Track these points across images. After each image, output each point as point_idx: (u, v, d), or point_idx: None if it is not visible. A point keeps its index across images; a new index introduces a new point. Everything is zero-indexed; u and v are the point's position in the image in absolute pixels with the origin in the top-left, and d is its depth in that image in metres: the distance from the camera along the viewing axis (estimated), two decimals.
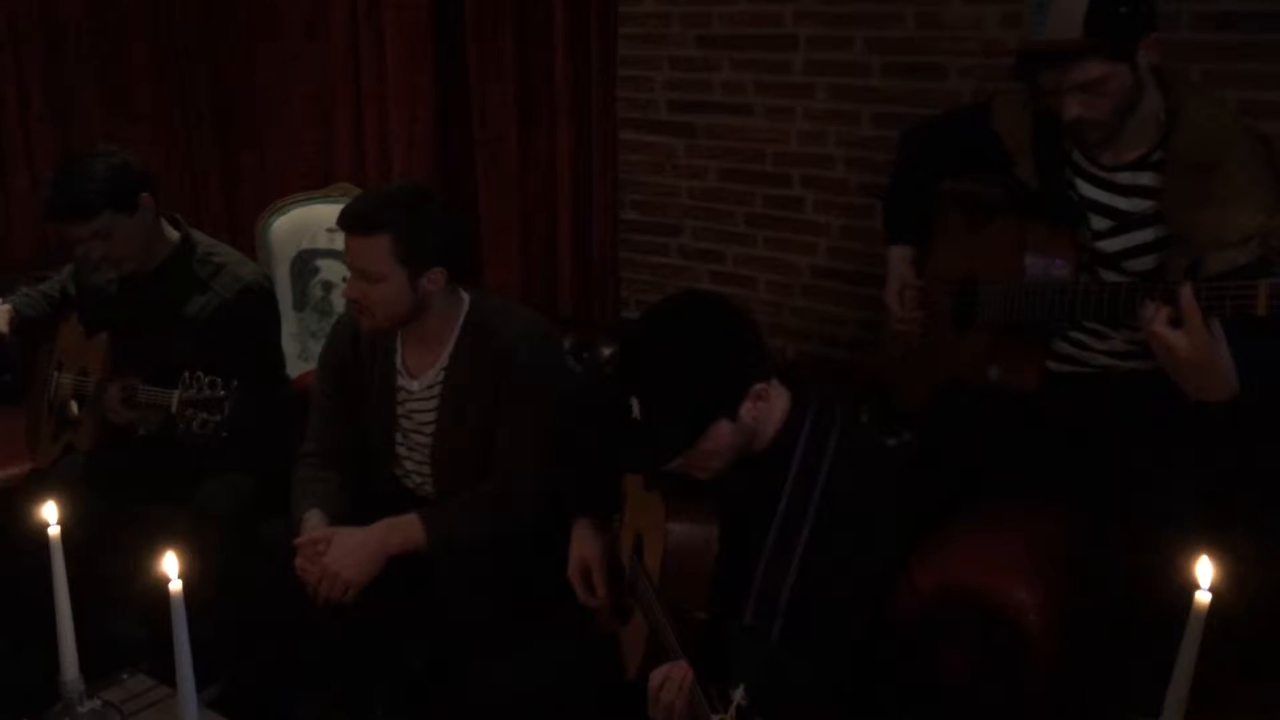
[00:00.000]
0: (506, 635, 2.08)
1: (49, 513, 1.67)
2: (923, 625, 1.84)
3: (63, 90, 3.77)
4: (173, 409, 2.27)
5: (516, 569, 2.20)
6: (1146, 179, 1.91)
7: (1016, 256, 1.95)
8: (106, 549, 2.49)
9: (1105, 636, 1.86)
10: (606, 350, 2.79)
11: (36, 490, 2.45)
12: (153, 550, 1.51)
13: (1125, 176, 1.93)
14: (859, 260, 2.72)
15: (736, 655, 1.59)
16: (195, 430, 2.24)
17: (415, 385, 2.32)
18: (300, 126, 3.75)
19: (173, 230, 2.63)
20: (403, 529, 2.19)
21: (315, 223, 3.45)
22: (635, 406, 1.65)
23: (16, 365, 2.99)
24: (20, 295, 2.85)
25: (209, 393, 2.22)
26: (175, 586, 1.43)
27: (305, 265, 3.50)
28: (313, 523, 2.23)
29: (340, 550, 2.14)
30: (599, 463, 2.04)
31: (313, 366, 2.74)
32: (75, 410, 2.68)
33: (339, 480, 2.36)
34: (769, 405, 1.71)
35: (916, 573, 1.85)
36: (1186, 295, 1.62)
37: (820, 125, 2.73)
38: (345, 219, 2.16)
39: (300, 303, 3.50)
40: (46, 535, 1.66)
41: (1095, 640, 1.85)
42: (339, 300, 3.37)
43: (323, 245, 3.46)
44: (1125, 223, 1.93)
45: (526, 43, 3.13)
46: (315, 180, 3.66)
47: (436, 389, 2.30)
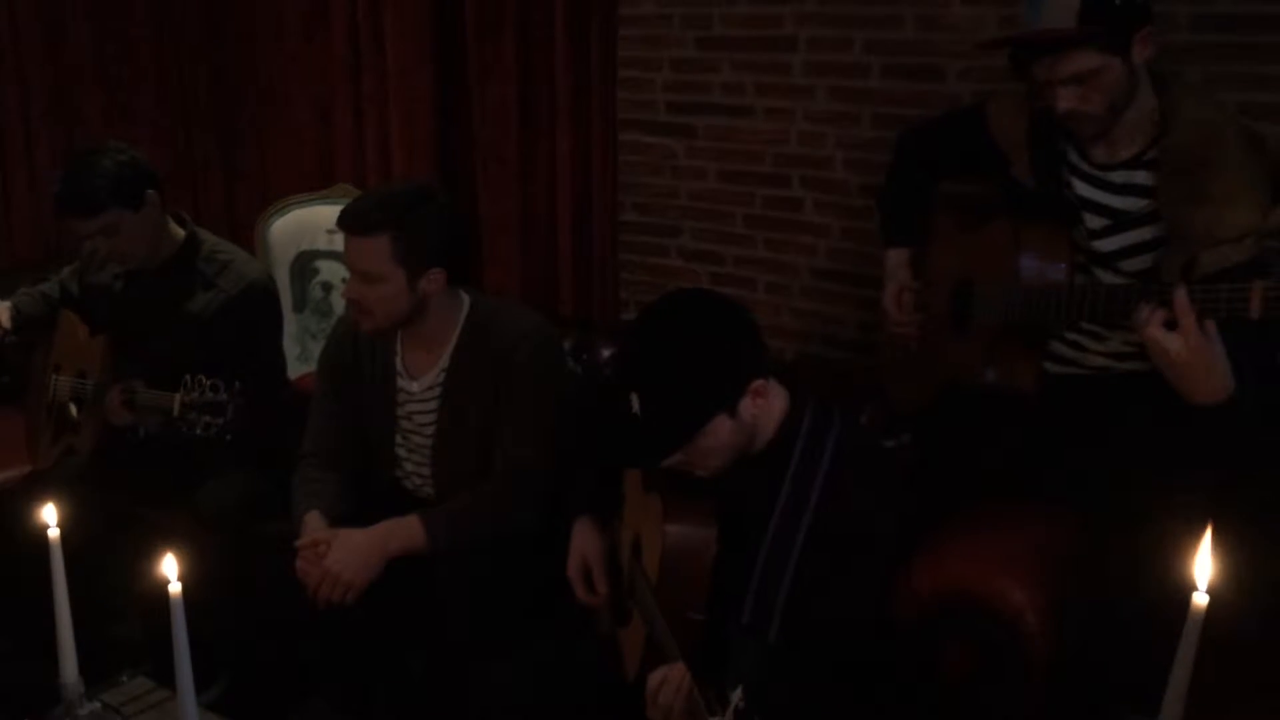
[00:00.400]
0: (506, 637, 2.08)
1: (49, 515, 1.67)
2: (921, 626, 1.84)
3: (63, 90, 3.78)
4: (174, 412, 2.27)
5: (516, 570, 2.20)
6: (1141, 178, 1.91)
7: (1012, 258, 1.95)
8: (106, 551, 2.49)
9: (1103, 637, 1.86)
10: (606, 351, 2.79)
11: (36, 492, 2.45)
12: (152, 552, 1.51)
13: (1120, 175, 1.93)
14: (858, 262, 2.73)
15: (734, 656, 1.59)
16: (198, 434, 2.24)
17: (415, 386, 2.32)
18: (300, 127, 3.76)
19: (178, 228, 2.64)
20: (403, 530, 2.19)
21: (315, 224, 3.45)
22: (635, 402, 1.65)
23: (15, 365, 3.00)
24: (20, 295, 2.86)
25: (211, 396, 2.22)
26: (175, 588, 1.43)
27: (305, 266, 3.50)
28: (313, 524, 2.23)
29: (341, 552, 2.14)
30: (599, 463, 2.05)
31: (312, 368, 2.74)
32: (75, 412, 2.68)
33: (339, 482, 2.36)
34: (767, 403, 1.72)
35: (915, 574, 1.85)
36: (1180, 298, 1.62)
37: (820, 127, 2.73)
38: (344, 220, 2.16)
39: (300, 304, 3.50)
40: (46, 537, 1.66)
41: (1093, 641, 1.85)
42: (339, 301, 3.38)
43: (322, 246, 3.46)
44: (1121, 222, 1.93)
45: (527, 44, 3.13)
46: (315, 181, 3.67)
47: (436, 390, 2.30)
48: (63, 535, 1.67)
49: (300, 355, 3.44)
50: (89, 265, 2.76)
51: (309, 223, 3.47)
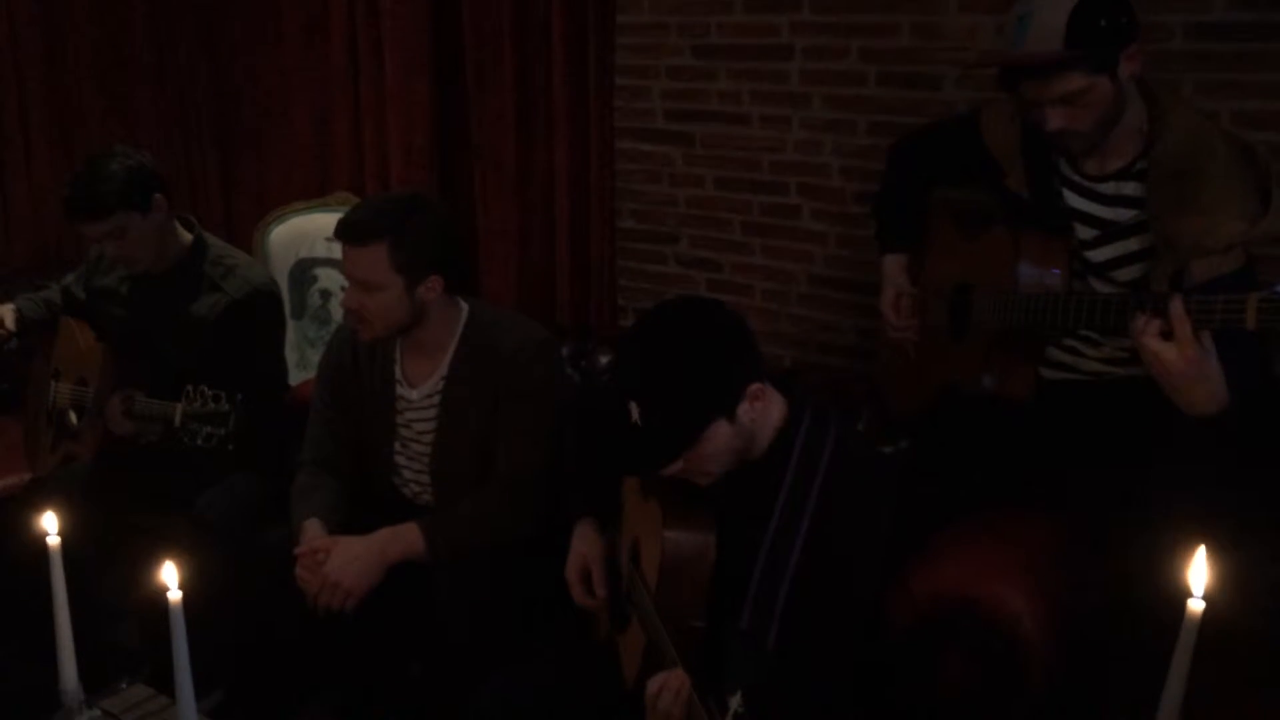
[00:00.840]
0: (505, 643, 2.08)
1: (48, 522, 1.67)
2: (919, 633, 1.84)
3: (62, 99, 3.78)
4: (176, 422, 2.27)
5: (515, 578, 2.21)
6: (1131, 188, 1.92)
7: (1009, 265, 1.96)
8: (106, 558, 2.49)
9: (1101, 643, 1.86)
10: (604, 358, 2.79)
11: (35, 499, 2.45)
12: (152, 559, 1.51)
13: (1110, 186, 1.94)
14: (855, 268, 2.73)
15: (733, 662, 1.60)
16: (199, 444, 2.24)
17: (414, 394, 2.32)
18: (299, 135, 3.76)
19: (186, 233, 2.66)
20: (402, 538, 2.19)
21: (314, 231, 3.46)
22: (634, 410, 1.66)
23: (13, 373, 3.00)
24: (22, 298, 2.87)
25: (213, 406, 2.22)
26: (174, 596, 1.44)
27: (304, 274, 3.51)
28: (312, 531, 2.23)
29: (340, 559, 2.14)
30: (598, 470, 2.05)
31: (311, 375, 2.75)
32: (75, 420, 2.68)
33: (338, 489, 2.36)
34: (765, 406, 1.72)
35: (912, 580, 1.86)
36: (1176, 308, 1.62)
37: (817, 134, 2.75)
38: (342, 229, 2.17)
39: (299, 311, 3.50)
40: (45, 545, 1.66)
41: (1091, 647, 1.86)
42: (337, 309, 3.38)
43: (321, 254, 3.47)
44: (1111, 232, 1.94)
45: (524, 52, 3.14)
46: (314, 189, 3.67)
47: (435, 398, 2.30)
48: (62, 542, 1.68)
49: (299, 363, 3.44)
50: (96, 269, 2.78)
51: (307, 230, 3.48)
